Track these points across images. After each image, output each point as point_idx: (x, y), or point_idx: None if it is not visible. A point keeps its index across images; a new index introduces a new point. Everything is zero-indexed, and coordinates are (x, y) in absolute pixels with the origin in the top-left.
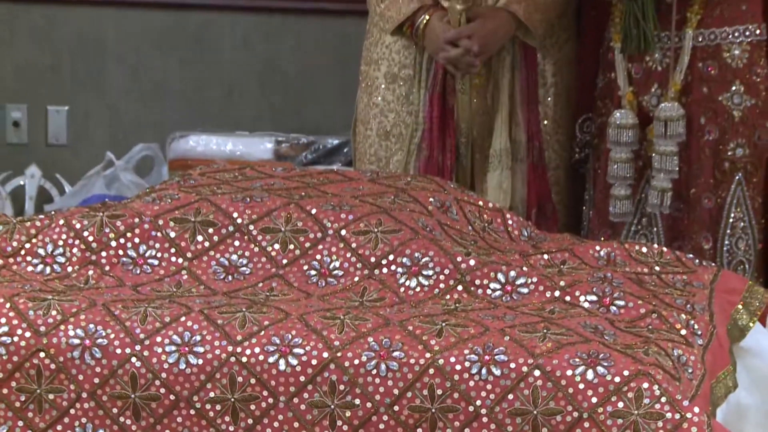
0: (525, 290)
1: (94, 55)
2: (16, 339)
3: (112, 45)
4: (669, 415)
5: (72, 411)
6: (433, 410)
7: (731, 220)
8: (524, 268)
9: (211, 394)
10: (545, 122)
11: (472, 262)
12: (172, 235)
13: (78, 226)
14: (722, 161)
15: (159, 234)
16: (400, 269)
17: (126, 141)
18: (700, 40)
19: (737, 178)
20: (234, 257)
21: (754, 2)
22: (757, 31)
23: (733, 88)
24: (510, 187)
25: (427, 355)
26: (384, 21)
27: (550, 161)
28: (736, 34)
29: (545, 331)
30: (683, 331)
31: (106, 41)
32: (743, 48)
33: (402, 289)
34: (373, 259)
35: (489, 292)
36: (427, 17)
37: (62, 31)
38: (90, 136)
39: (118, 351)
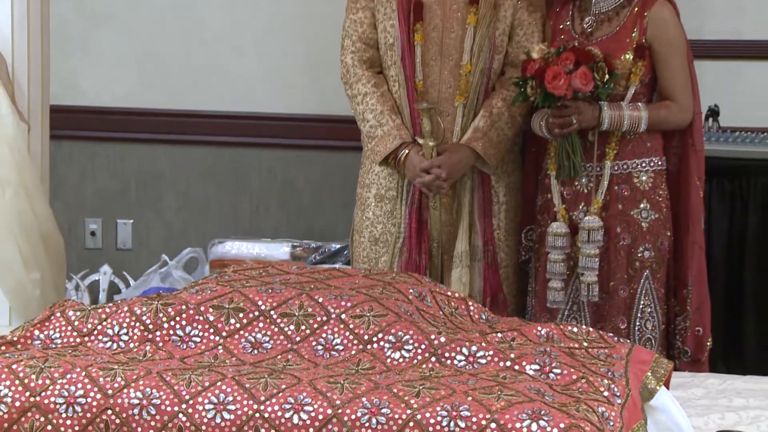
0: (483, 361)
1: (153, 182)
2: (89, 399)
3: (166, 173)
4: None
5: None
6: None
7: (641, 306)
8: (483, 344)
9: None
10: (498, 231)
11: (442, 339)
12: (211, 318)
13: (138, 311)
14: (634, 261)
15: (201, 318)
16: (387, 345)
17: (177, 246)
18: (616, 169)
19: (645, 274)
20: (259, 336)
21: (656, 140)
22: (659, 162)
23: (642, 205)
24: (468, 280)
25: (408, 411)
26: (374, 155)
27: (501, 261)
28: (643, 165)
29: (499, 392)
30: (606, 393)
31: (162, 170)
32: (649, 175)
33: (388, 360)
34: (366, 337)
35: (456, 362)
36: (407, 151)
37: (129, 164)
38: (149, 242)
39: (169, 409)
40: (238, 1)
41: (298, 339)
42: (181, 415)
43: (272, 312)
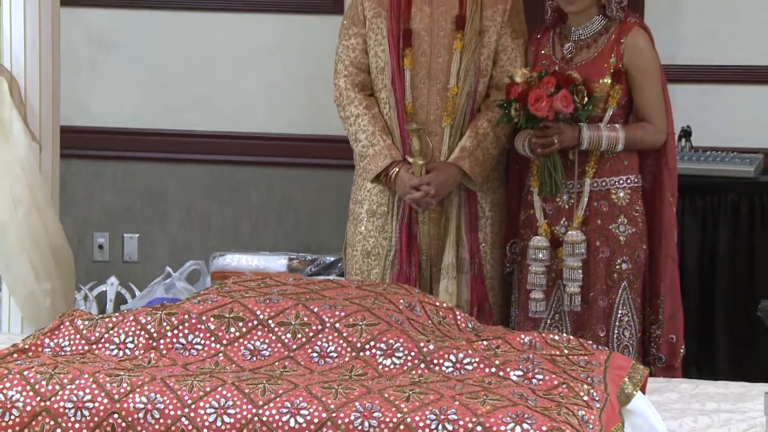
0: (470, 367)
1: (157, 198)
2: (96, 404)
3: (170, 190)
4: None
5: None
6: None
7: (619, 316)
8: (469, 351)
9: None
10: (483, 244)
11: (431, 347)
12: (212, 327)
13: (143, 321)
14: (612, 273)
15: (202, 326)
16: (378, 352)
17: (180, 259)
18: (595, 186)
19: (623, 285)
20: (257, 343)
21: (632, 159)
22: (635, 180)
23: (619, 220)
24: (456, 291)
25: (398, 415)
26: (366, 173)
27: (487, 273)
28: (621, 182)
29: (485, 397)
30: (585, 398)
31: (166, 187)
32: (626, 191)
33: (380, 367)
34: (359, 345)
35: (443, 368)
36: (397, 169)
37: (135, 181)
38: (154, 255)
39: (172, 413)
40: (237, 27)
41: (294, 347)
42: (183, 419)
43: (270, 321)
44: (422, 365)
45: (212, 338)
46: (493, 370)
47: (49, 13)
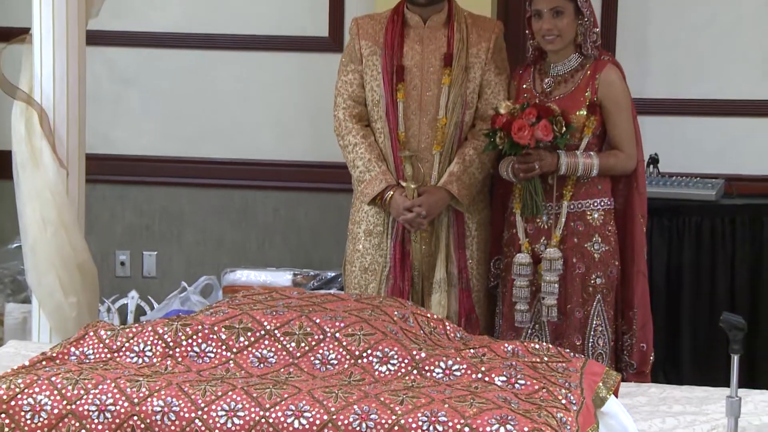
0: (458, 373)
1: (174, 219)
2: (118, 407)
3: (185, 212)
4: None
5: None
6: None
7: (594, 326)
8: (457, 359)
9: None
10: (470, 261)
11: (423, 355)
12: (223, 337)
13: (161, 331)
14: (587, 287)
15: (214, 336)
16: (375, 359)
17: (194, 274)
18: (572, 208)
19: (597, 298)
20: (264, 352)
21: (606, 184)
22: (608, 202)
23: (594, 239)
24: (446, 303)
25: (393, 417)
26: (363, 196)
27: (473, 287)
28: (595, 204)
29: (472, 400)
30: (563, 401)
31: (182, 209)
32: (600, 213)
33: (376, 373)
34: (357, 353)
35: (434, 374)
36: (392, 193)
37: (153, 203)
38: (171, 271)
39: (186, 415)
40: (245, 65)
41: (298, 355)
42: (197, 421)
43: (276, 331)
44: (415, 371)
45: (223, 347)
46: (480, 375)
47: (75, 51)
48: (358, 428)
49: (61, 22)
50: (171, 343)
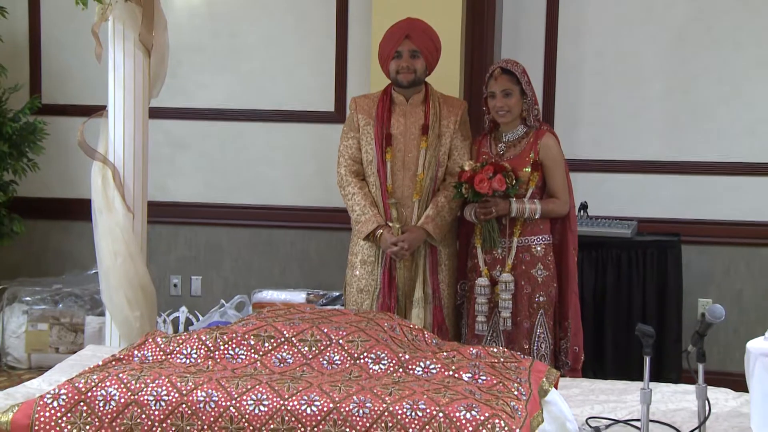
0: (434, 371)
1: (215, 251)
2: (170, 397)
3: (224, 245)
4: None
5: None
6: None
7: (538, 333)
8: (434, 360)
9: (272, 426)
10: (442, 284)
11: (407, 357)
12: (252, 343)
13: (204, 338)
14: (533, 303)
15: (245, 342)
16: (369, 360)
17: (231, 294)
18: (520, 242)
19: (540, 312)
20: (284, 354)
21: (546, 224)
22: (548, 238)
23: (538, 266)
24: (423, 317)
25: (383, 405)
26: (359, 233)
27: (444, 304)
28: (538, 240)
29: (445, 392)
30: (515, 393)
31: (221, 244)
32: (542, 246)
33: (371, 371)
34: (356, 355)
35: (416, 372)
36: (381, 231)
37: (198, 240)
38: (212, 292)
39: (223, 404)
40: (269, 132)
41: (310, 356)
42: (231, 408)
43: (293, 338)
44: (401, 370)
45: (252, 350)
46: (451, 373)
47: (141, 123)
48: (356, 414)
49: (130, 101)
50: (211, 348)
